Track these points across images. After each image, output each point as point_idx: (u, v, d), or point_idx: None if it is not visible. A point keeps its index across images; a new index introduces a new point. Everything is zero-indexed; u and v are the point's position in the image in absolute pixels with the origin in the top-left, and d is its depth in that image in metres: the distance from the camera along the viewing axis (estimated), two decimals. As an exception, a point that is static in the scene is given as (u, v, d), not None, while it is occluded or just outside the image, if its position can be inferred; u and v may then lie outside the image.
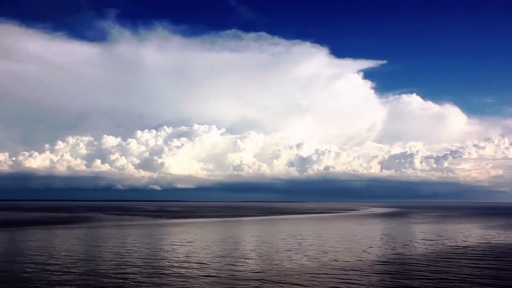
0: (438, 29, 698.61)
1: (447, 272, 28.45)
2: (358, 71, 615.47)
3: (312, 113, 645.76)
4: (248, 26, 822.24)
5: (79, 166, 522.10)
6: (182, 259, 33.97)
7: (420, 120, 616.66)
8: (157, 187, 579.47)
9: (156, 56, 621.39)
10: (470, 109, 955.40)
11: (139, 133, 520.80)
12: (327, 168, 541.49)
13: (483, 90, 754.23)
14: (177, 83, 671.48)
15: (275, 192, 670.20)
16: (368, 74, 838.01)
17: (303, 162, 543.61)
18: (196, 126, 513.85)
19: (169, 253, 37.60)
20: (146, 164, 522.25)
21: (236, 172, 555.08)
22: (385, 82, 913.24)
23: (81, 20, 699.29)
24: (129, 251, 38.36)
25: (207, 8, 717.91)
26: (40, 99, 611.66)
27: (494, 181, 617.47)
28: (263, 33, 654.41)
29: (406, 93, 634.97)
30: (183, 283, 25.01)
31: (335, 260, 33.22)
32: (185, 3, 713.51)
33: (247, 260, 33.28)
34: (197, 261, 32.67)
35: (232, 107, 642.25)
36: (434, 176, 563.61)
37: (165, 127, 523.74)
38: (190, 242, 46.69)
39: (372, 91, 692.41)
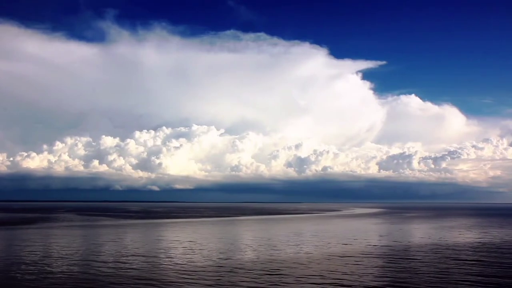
0: (437, 30, 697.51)
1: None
2: (357, 72, 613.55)
3: (311, 114, 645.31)
4: (247, 27, 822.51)
5: (77, 166, 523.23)
6: (91, 257, 34.13)
7: (418, 121, 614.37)
8: (155, 188, 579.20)
9: (155, 56, 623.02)
10: (468, 110, 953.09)
11: (137, 133, 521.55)
12: (325, 168, 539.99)
13: (481, 91, 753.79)
14: (176, 83, 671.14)
15: (273, 193, 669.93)
16: (367, 75, 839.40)
17: (301, 162, 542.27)
18: (195, 127, 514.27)
19: (77, 252, 37.72)
20: (144, 164, 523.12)
21: (234, 172, 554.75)
22: (384, 83, 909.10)
23: (80, 21, 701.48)
24: (49, 251, 38.55)
25: (205, 9, 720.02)
26: (39, 100, 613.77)
27: (492, 181, 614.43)
28: (262, 34, 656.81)
29: (405, 93, 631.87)
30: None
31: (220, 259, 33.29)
32: (183, 4, 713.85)
33: (134, 260, 33.37)
34: (109, 260, 32.82)
35: (231, 107, 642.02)
36: (432, 176, 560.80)
37: (164, 127, 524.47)
38: (122, 240, 46.82)
39: (371, 91, 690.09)
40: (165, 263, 32.50)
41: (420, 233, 62.17)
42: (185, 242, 47.54)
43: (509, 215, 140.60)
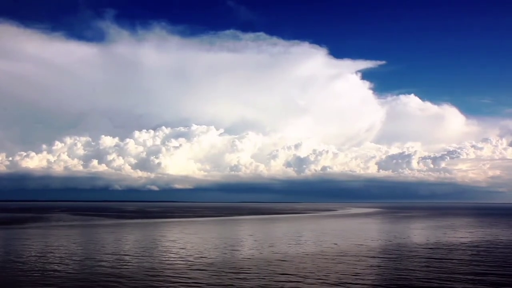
0: (436, 30, 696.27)
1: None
2: (356, 72, 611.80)
3: (311, 114, 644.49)
4: (247, 27, 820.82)
5: (76, 166, 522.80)
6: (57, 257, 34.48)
7: (418, 121, 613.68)
8: (155, 188, 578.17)
9: (155, 56, 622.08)
10: (468, 110, 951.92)
11: (137, 133, 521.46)
12: (324, 168, 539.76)
13: (481, 90, 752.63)
14: (176, 83, 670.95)
15: (272, 193, 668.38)
16: (366, 75, 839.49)
17: (301, 162, 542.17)
18: (194, 127, 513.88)
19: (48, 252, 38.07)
20: (143, 164, 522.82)
21: (233, 172, 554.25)
22: (383, 83, 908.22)
23: (79, 20, 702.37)
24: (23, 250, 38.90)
25: (205, 8, 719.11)
26: (38, 100, 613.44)
27: (492, 181, 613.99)
28: (261, 34, 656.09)
29: (404, 93, 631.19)
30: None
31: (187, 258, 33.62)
32: (183, 3, 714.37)
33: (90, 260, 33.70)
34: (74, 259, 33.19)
35: (231, 107, 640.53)
36: (432, 176, 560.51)
37: (163, 127, 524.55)
38: (104, 239, 47.18)
39: (371, 91, 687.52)
40: (138, 262, 32.82)
41: (405, 232, 62.49)
42: (167, 242, 47.89)
43: (504, 215, 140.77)
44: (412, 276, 27.26)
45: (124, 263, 32.03)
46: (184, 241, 47.69)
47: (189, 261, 33.28)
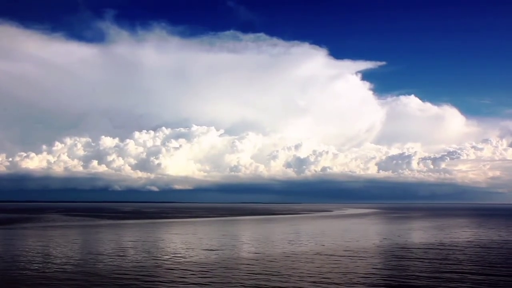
0: (437, 30, 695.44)
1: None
2: (356, 72, 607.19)
3: (311, 114, 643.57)
4: (247, 27, 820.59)
5: (76, 167, 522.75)
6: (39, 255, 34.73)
7: (418, 121, 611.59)
8: (155, 188, 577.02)
9: (155, 56, 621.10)
10: (468, 110, 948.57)
11: (137, 134, 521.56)
12: (324, 169, 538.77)
13: (480, 91, 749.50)
14: (176, 83, 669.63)
15: (272, 193, 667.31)
16: (366, 75, 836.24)
17: (301, 163, 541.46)
18: (194, 127, 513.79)
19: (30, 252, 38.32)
20: (143, 165, 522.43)
21: (233, 173, 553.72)
22: (383, 83, 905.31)
23: (79, 21, 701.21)
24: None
25: (205, 9, 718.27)
26: (38, 100, 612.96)
27: (492, 182, 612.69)
28: (261, 34, 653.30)
29: (405, 94, 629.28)
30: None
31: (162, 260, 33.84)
32: (183, 4, 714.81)
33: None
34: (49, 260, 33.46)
35: (231, 108, 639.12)
36: (432, 177, 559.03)
37: (163, 128, 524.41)
38: (87, 240, 47.43)
39: (371, 92, 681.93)
40: (111, 261, 33.05)
41: (391, 233, 62.54)
42: (148, 242, 48.04)
43: (498, 215, 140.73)
44: (376, 274, 27.48)
45: (96, 263, 32.26)
46: (166, 242, 47.96)
47: (161, 260, 33.54)
